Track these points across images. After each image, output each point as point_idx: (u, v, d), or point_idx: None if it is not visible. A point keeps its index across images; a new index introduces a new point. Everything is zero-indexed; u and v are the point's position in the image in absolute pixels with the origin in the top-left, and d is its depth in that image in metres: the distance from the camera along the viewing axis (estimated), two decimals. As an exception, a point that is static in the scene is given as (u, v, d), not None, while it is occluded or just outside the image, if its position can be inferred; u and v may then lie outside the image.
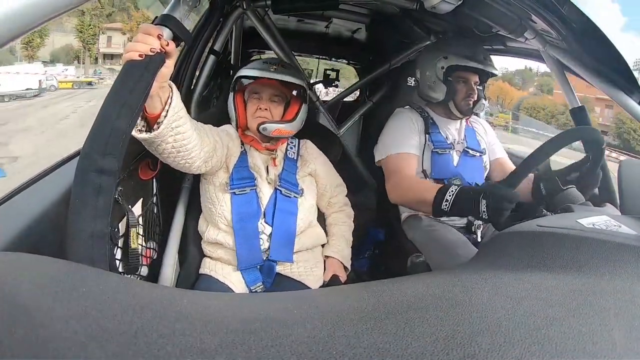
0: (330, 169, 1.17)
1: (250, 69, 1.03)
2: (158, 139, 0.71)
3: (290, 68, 1.08)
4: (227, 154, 1.00)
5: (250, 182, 0.99)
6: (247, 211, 0.98)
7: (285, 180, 1.02)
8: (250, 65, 1.05)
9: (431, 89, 1.26)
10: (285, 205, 1.00)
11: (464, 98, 1.23)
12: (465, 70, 1.21)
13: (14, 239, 0.55)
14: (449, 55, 1.21)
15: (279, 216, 0.99)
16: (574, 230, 0.53)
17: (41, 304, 0.31)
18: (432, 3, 0.96)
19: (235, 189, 0.98)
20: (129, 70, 0.56)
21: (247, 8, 1.37)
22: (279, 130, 1.01)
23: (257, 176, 1.01)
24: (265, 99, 1.03)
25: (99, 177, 0.51)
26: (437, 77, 1.24)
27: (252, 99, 1.04)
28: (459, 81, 1.23)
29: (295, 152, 1.09)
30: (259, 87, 1.04)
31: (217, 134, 0.96)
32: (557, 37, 0.97)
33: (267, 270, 0.98)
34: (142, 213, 1.09)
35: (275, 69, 1.02)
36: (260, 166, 1.02)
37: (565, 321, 0.35)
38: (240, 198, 0.98)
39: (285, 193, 1.01)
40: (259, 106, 1.02)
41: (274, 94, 1.05)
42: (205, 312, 0.36)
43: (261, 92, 1.04)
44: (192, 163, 0.84)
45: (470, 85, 1.23)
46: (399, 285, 0.47)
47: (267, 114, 1.02)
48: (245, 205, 0.98)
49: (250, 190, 0.99)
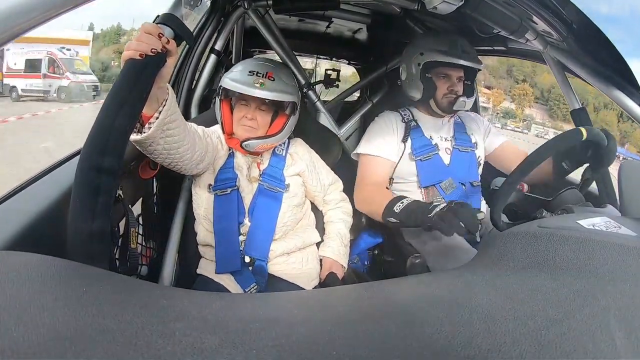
0: (322, 167, 1.14)
1: (235, 82, 0.94)
2: (149, 140, 0.71)
3: (282, 79, 0.99)
4: (216, 155, 0.99)
5: (232, 182, 0.98)
6: (227, 212, 0.97)
7: (269, 175, 1.01)
8: (235, 73, 0.98)
9: (410, 88, 1.23)
10: (266, 200, 0.99)
11: (445, 95, 1.18)
12: (444, 65, 1.15)
13: (14, 239, 0.55)
14: (424, 51, 1.17)
15: (258, 210, 0.98)
16: (574, 231, 0.53)
17: (41, 303, 0.31)
18: (433, 4, 0.96)
19: (217, 190, 0.97)
20: (129, 70, 0.56)
21: (248, 7, 1.37)
22: (262, 146, 0.99)
23: (239, 176, 1.00)
24: (252, 108, 0.99)
25: (99, 176, 0.51)
26: (414, 74, 1.20)
27: (239, 106, 1.00)
28: (439, 77, 1.18)
29: (284, 149, 1.08)
30: (246, 95, 0.96)
31: (209, 136, 0.96)
32: (558, 38, 0.97)
33: (259, 271, 0.97)
34: (142, 212, 1.09)
35: (262, 83, 0.94)
36: (242, 166, 1.01)
37: (566, 322, 0.35)
38: (222, 199, 0.97)
39: (267, 187, 1.00)
40: (245, 114, 0.98)
41: (262, 103, 0.99)
42: (205, 312, 0.36)
43: (248, 100, 0.99)
44: (182, 165, 0.85)
45: (452, 81, 1.18)
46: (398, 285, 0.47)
47: (254, 124, 0.98)
48: (225, 205, 0.97)
49: (231, 190, 0.98)
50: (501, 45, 1.43)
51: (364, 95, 2.57)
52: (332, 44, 2.40)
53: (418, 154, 1.19)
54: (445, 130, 1.26)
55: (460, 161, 1.21)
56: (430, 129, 1.24)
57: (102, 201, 0.51)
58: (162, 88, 0.67)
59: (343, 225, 1.14)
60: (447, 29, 1.54)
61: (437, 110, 1.22)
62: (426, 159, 1.18)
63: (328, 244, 1.10)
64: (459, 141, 1.23)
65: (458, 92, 1.18)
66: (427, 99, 1.20)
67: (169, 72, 0.65)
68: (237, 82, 0.95)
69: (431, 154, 1.19)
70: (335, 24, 1.94)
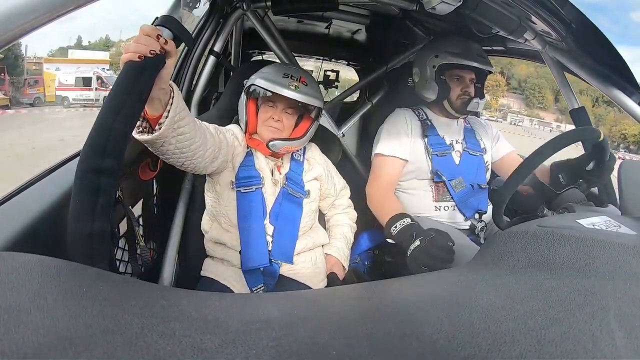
0: (335, 172, 1.17)
1: (269, 82, 0.96)
2: (160, 140, 0.71)
3: (313, 85, 1.02)
4: (233, 153, 0.98)
5: (257, 180, 0.98)
6: (252, 210, 0.96)
7: (291, 180, 1.02)
8: (267, 74, 0.99)
9: (425, 89, 1.27)
10: (289, 205, 1.00)
11: (459, 96, 1.23)
12: (458, 68, 1.20)
13: (14, 239, 0.55)
14: (439, 53, 1.21)
15: (283, 216, 0.98)
16: (574, 230, 0.53)
17: (41, 304, 0.31)
18: (431, 4, 0.96)
19: (241, 187, 0.97)
20: (128, 72, 0.56)
21: (247, 9, 1.37)
22: (287, 148, 1.00)
23: (262, 175, 1.00)
24: (279, 110, 1.00)
25: (99, 177, 0.51)
26: (429, 76, 1.24)
27: (265, 106, 1.01)
28: (453, 79, 1.23)
29: (302, 154, 1.09)
30: (275, 97, 0.98)
31: (223, 134, 0.95)
32: (557, 38, 0.97)
33: (270, 272, 0.97)
34: (142, 213, 1.09)
35: (297, 86, 0.97)
36: (265, 168, 1.01)
37: (566, 321, 0.35)
38: (246, 197, 0.97)
39: (291, 192, 1.01)
40: (272, 116, 0.99)
41: (289, 106, 1.01)
42: (205, 312, 0.36)
43: (276, 102, 1.00)
44: (197, 164, 0.84)
45: (465, 83, 1.22)
46: (399, 285, 0.47)
47: (279, 125, 0.99)
48: (250, 204, 0.97)
49: (256, 188, 0.97)
50: (500, 45, 1.43)
51: (364, 95, 2.57)
52: (331, 45, 2.40)
53: (435, 149, 1.23)
54: (457, 133, 1.29)
55: (470, 163, 1.25)
56: (443, 129, 1.27)
57: (102, 202, 0.51)
58: (163, 89, 0.66)
59: (349, 229, 1.16)
60: (446, 30, 1.55)
61: (451, 111, 1.25)
62: (442, 155, 1.22)
63: (334, 243, 1.11)
64: (469, 144, 1.27)
65: (470, 93, 1.22)
66: (441, 99, 1.24)
67: (168, 74, 0.65)
68: (272, 83, 0.96)
69: (446, 152, 1.23)
70: (334, 25, 1.94)
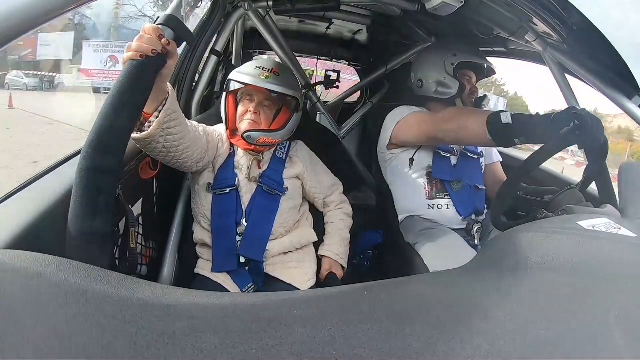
0: (323, 170, 1.15)
1: (242, 74, 1.00)
2: (149, 138, 0.72)
3: (286, 75, 1.03)
4: (216, 154, 1.00)
5: (231, 182, 0.99)
6: (225, 210, 0.98)
7: (268, 177, 1.02)
8: (243, 68, 1.03)
9: (442, 86, 1.28)
10: (264, 202, 1.00)
11: (469, 95, 1.29)
12: (471, 67, 1.27)
13: (14, 238, 0.55)
14: (457, 52, 1.26)
15: (255, 212, 0.98)
16: (574, 232, 0.53)
17: (41, 303, 0.31)
18: (433, 5, 0.96)
19: (217, 190, 0.98)
20: (130, 71, 0.56)
21: (249, 9, 1.37)
22: (264, 139, 1.00)
23: (238, 175, 1.00)
24: (256, 103, 1.01)
25: (99, 176, 0.51)
26: (447, 73, 1.27)
27: (244, 101, 1.03)
28: (464, 79, 1.29)
29: (285, 152, 1.08)
30: (252, 90, 1.01)
31: (210, 135, 0.97)
32: (558, 39, 0.97)
33: (256, 270, 0.97)
34: (142, 213, 1.09)
35: (268, 76, 0.99)
36: (243, 164, 1.02)
37: (566, 322, 0.35)
38: (221, 198, 0.98)
39: (266, 189, 1.00)
40: (249, 109, 1.00)
41: (266, 99, 1.02)
42: (205, 312, 0.36)
43: (253, 95, 1.02)
44: (182, 163, 0.87)
45: (472, 83, 1.30)
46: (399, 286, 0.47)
47: (256, 118, 1.00)
48: (224, 204, 0.98)
49: (230, 190, 0.98)
50: (501, 46, 1.43)
51: (364, 96, 2.57)
52: (333, 45, 2.40)
53: (440, 147, 1.25)
54: None
55: (467, 166, 1.28)
56: None
57: (103, 201, 0.51)
58: (162, 88, 0.67)
59: (343, 225, 1.14)
60: (447, 31, 1.55)
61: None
62: (444, 156, 1.25)
63: (328, 243, 1.10)
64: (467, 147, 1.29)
65: (477, 93, 1.31)
66: (458, 96, 1.28)
67: (169, 73, 0.65)
68: (244, 75, 0.99)
69: (448, 153, 1.26)
70: (335, 25, 1.94)
